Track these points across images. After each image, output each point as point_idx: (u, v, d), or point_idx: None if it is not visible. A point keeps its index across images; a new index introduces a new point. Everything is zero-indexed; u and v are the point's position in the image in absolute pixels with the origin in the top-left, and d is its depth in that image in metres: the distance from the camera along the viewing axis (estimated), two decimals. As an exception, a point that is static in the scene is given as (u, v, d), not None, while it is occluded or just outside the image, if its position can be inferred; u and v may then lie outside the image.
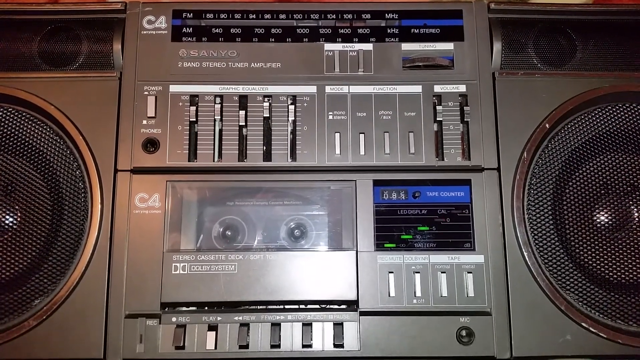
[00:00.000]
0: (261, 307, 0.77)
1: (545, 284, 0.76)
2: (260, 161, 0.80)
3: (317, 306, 0.77)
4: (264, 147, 0.81)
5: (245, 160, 0.80)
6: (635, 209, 0.79)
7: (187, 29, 0.84)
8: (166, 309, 0.76)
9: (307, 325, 0.75)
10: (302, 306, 0.77)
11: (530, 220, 0.78)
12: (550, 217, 0.78)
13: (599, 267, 0.77)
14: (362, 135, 0.81)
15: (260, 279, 0.76)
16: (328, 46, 0.84)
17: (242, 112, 0.81)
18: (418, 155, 0.80)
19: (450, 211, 0.79)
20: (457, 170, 0.80)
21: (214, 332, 0.74)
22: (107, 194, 0.78)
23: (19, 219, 0.78)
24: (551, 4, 0.87)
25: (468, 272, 0.76)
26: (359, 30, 0.85)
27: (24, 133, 0.80)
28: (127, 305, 0.75)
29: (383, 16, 0.85)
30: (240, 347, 0.74)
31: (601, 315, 0.76)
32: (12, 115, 0.80)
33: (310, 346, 0.74)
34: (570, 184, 0.79)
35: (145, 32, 0.84)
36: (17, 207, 0.78)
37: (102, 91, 0.82)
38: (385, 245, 0.78)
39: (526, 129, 0.80)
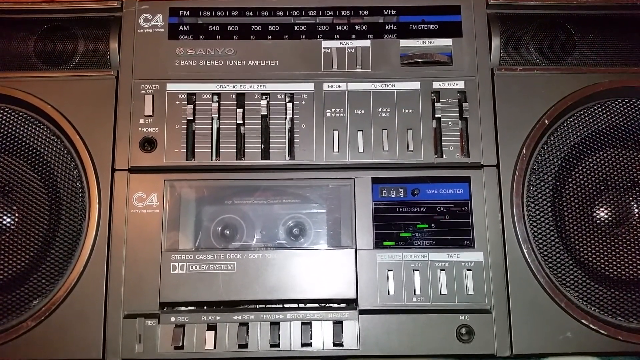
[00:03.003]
0: (260, 306, 0.77)
1: (545, 281, 0.75)
2: (258, 159, 0.80)
3: (317, 305, 0.77)
4: (262, 146, 0.80)
5: (243, 158, 0.80)
6: (635, 205, 0.79)
7: (184, 27, 0.84)
8: (165, 309, 0.75)
9: (306, 324, 0.75)
10: (301, 305, 0.76)
11: (530, 217, 0.78)
12: (550, 214, 0.78)
13: (599, 263, 0.77)
14: (360, 133, 0.80)
15: (259, 278, 0.76)
16: (326, 43, 0.84)
17: (240, 110, 0.80)
18: (417, 153, 0.80)
19: (450, 208, 0.78)
20: (456, 167, 0.80)
21: (213, 332, 0.74)
22: (104, 194, 0.78)
23: (16, 220, 0.78)
24: (550, -1, 0.87)
25: (467, 270, 0.76)
26: (357, 27, 0.84)
27: (21, 133, 0.80)
28: (125, 305, 0.75)
29: (381, 12, 0.85)
30: (240, 346, 0.74)
31: (601, 312, 0.76)
32: (8, 115, 0.80)
33: (309, 345, 0.74)
34: (570, 180, 0.79)
35: (141, 30, 0.84)
36: (14, 208, 0.78)
37: (99, 90, 0.81)
38: (384, 243, 0.77)
39: (525, 125, 0.80)
